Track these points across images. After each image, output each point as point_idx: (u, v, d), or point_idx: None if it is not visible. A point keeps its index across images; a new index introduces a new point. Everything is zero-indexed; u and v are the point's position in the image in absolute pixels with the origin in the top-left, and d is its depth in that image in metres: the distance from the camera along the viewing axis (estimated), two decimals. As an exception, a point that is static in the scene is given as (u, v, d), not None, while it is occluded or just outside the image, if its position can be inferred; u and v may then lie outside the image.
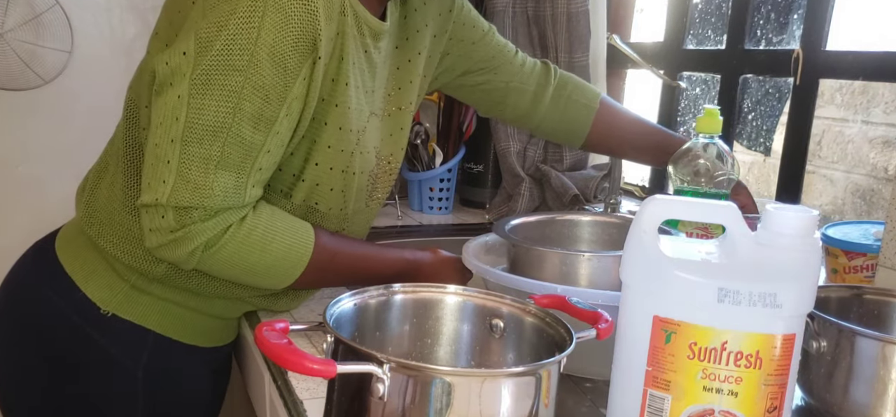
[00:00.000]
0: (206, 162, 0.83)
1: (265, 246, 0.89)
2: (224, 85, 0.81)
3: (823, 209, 1.91)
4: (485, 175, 1.83)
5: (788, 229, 0.61)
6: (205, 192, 0.83)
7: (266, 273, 0.91)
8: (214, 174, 0.83)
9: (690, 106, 1.82)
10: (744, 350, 0.60)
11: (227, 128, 0.82)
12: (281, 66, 0.82)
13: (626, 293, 0.66)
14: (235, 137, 0.83)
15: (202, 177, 0.83)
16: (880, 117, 1.84)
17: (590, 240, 1.07)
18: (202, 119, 0.81)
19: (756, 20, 1.56)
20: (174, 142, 0.82)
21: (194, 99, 0.81)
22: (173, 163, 0.82)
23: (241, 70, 0.80)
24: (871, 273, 1.06)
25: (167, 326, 1.01)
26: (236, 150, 0.83)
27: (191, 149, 0.82)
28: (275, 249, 0.90)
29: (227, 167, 0.84)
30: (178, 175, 0.82)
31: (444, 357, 0.75)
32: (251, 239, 0.88)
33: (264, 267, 0.90)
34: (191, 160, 0.82)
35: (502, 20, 1.66)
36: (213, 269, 0.89)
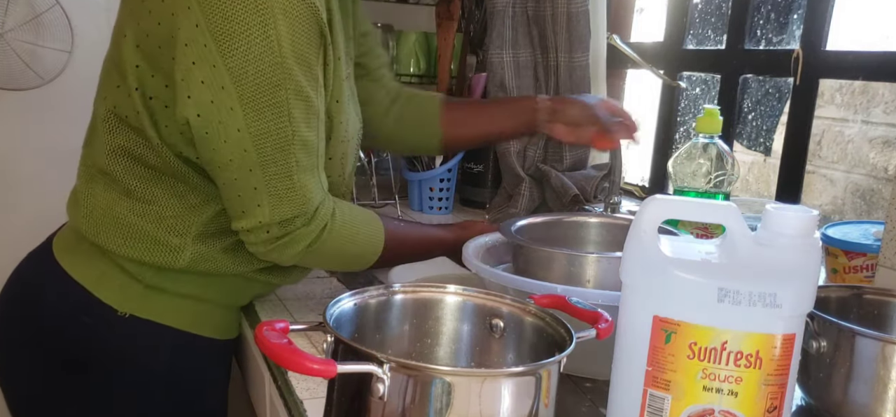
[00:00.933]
0: (287, 175, 0.88)
1: (353, 236, 0.98)
2: (273, 104, 0.85)
3: (823, 209, 1.91)
4: (485, 175, 1.83)
5: (788, 229, 0.61)
6: (300, 199, 0.90)
7: (354, 260, 1.01)
8: (299, 181, 0.89)
9: (690, 106, 1.82)
10: (744, 350, 0.60)
11: (290, 138, 0.87)
12: (306, 64, 0.87)
13: (626, 293, 0.66)
14: (300, 142, 0.88)
15: (290, 188, 0.89)
16: (880, 117, 1.84)
17: (596, 242, 1.07)
18: (269, 141, 0.86)
19: (756, 20, 1.56)
20: (253, 171, 0.87)
21: (252, 127, 0.85)
22: (260, 187, 0.88)
23: (281, 84, 0.85)
24: (871, 273, 1.06)
25: (185, 321, 1.01)
26: (304, 153, 0.89)
27: (270, 169, 0.88)
28: (361, 238, 0.99)
29: (304, 170, 0.90)
30: (270, 195, 0.89)
31: (444, 357, 0.75)
32: (343, 232, 0.96)
33: (353, 256, 1.00)
34: (274, 179, 0.88)
35: (502, 20, 1.65)
36: (312, 263, 1.00)
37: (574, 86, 1.62)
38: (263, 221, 0.90)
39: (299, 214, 0.91)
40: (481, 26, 1.79)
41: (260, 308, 1.07)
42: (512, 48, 1.67)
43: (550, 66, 1.66)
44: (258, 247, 0.93)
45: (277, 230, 0.91)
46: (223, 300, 1.04)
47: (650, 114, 1.81)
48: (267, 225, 0.90)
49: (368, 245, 1.01)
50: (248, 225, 0.91)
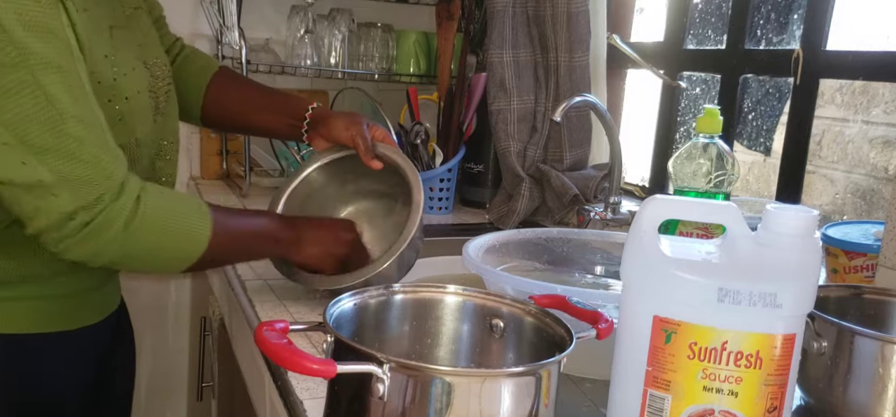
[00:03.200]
0: (72, 155, 0.79)
1: (175, 211, 0.87)
2: (17, 86, 0.76)
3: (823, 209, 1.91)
4: (485, 175, 1.83)
5: (788, 229, 0.61)
6: (99, 175, 0.80)
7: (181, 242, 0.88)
8: (90, 156, 0.80)
9: (690, 106, 1.82)
10: (744, 350, 0.60)
11: (57, 118, 0.77)
12: (44, 31, 0.77)
13: (626, 293, 0.66)
14: (71, 119, 0.78)
15: (84, 167, 0.79)
16: (880, 117, 1.84)
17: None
18: (33, 127, 0.77)
19: (756, 20, 1.56)
20: (27, 163, 0.77)
21: (4, 114, 0.76)
22: (47, 178, 0.78)
23: (18, 63, 0.75)
24: (872, 273, 1.06)
25: (17, 321, 0.93)
26: (83, 127, 0.79)
27: (49, 157, 0.78)
28: (183, 213, 0.88)
29: (90, 145, 0.80)
30: (62, 182, 0.79)
31: (444, 357, 0.75)
32: (162, 206, 0.86)
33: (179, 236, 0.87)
34: (59, 164, 0.78)
35: (502, 20, 1.66)
36: (134, 251, 0.85)
37: (574, 85, 1.62)
38: (65, 211, 0.79)
39: (104, 191, 0.80)
40: (481, 26, 1.79)
41: (260, 308, 1.07)
42: (512, 48, 1.67)
43: (550, 65, 1.66)
44: (67, 244, 0.81)
45: (84, 215, 0.80)
46: (54, 292, 0.95)
47: (650, 114, 1.81)
48: (70, 215, 0.79)
49: (194, 221, 0.88)
50: (47, 222, 0.80)
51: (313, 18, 1.88)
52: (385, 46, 1.92)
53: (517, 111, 1.67)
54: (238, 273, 1.21)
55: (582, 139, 1.69)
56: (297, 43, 1.87)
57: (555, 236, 1.14)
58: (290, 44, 1.89)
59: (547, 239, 1.14)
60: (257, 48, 1.89)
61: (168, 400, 2.11)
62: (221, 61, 1.84)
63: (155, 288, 2.03)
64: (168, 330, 2.09)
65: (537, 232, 1.14)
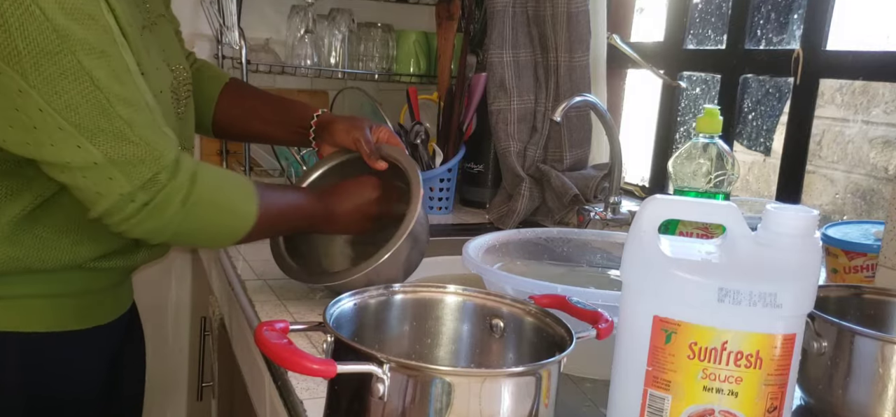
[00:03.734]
0: (123, 137, 0.81)
1: (224, 185, 0.91)
2: (62, 72, 0.77)
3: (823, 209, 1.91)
4: (485, 175, 1.83)
5: (788, 229, 0.61)
6: (152, 155, 0.83)
7: (232, 217, 0.92)
8: (141, 137, 0.82)
9: (690, 106, 1.82)
10: (744, 350, 0.60)
11: (105, 102, 0.80)
12: (86, 16, 0.78)
13: (626, 293, 0.66)
14: (118, 101, 0.81)
15: (135, 147, 0.82)
16: (881, 117, 1.83)
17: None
18: (82, 112, 0.79)
19: (756, 20, 1.56)
20: (81, 147, 0.80)
21: (54, 102, 0.77)
22: (102, 161, 0.81)
23: (61, 50, 0.77)
24: (872, 273, 1.06)
25: (30, 321, 0.93)
26: (131, 109, 0.82)
27: (100, 139, 0.80)
28: (233, 188, 0.92)
29: (140, 126, 0.82)
30: (117, 164, 0.81)
31: (444, 357, 0.75)
32: (215, 182, 0.89)
33: (230, 212, 0.92)
34: (112, 146, 0.81)
35: (502, 20, 1.65)
36: (193, 226, 0.89)
37: (574, 85, 1.62)
38: (124, 192, 0.82)
39: (159, 170, 0.83)
40: (481, 26, 1.79)
41: (260, 308, 1.07)
42: (512, 48, 1.67)
43: (550, 65, 1.66)
44: (131, 224, 0.84)
45: (143, 195, 0.83)
46: (69, 290, 0.96)
47: (650, 114, 1.81)
48: (130, 195, 0.82)
49: (243, 197, 0.92)
50: (108, 204, 0.82)
51: (313, 18, 1.88)
52: (385, 46, 1.92)
53: (517, 111, 1.67)
54: (238, 273, 1.21)
55: (582, 139, 1.69)
56: (297, 43, 1.87)
57: (555, 236, 1.14)
58: (290, 44, 1.89)
59: (547, 239, 1.14)
60: (257, 48, 1.89)
61: (168, 400, 2.11)
62: (221, 61, 1.84)
63: (155, 288, 2.03)
64: (168, 330, 2.09)
65: (537, 232, 1.14)
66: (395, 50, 1.94)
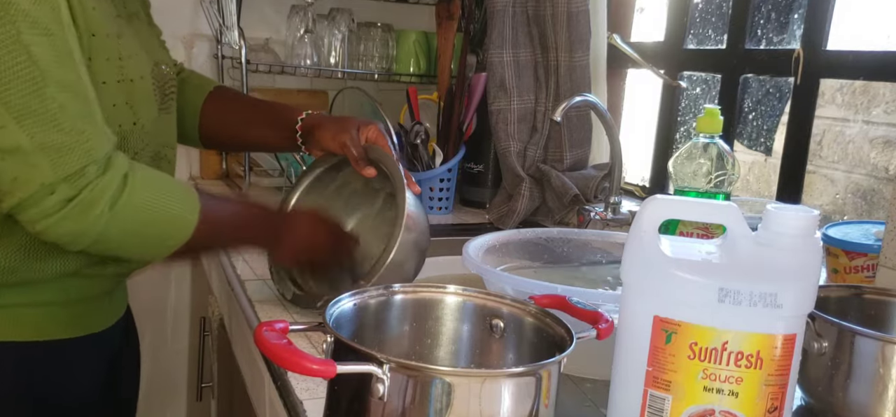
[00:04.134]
0: (54, 122, 0.75)
1: (162, 191, 0.84)
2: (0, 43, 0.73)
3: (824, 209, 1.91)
4: (485, 175, 1.83)
5: (789, 229, 0.61)
6: (83, 146, 0.77)
7: (168, 225, 0.85)
8: (73, 126, 0.77)
9: (691, 106, 1.82)
10: (744, 350, 0.60)
11: (40, 81, 0.74)
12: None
13: (626, 293, 0.66)
14: (56, 84, 0.76)
15: (65, 136, 0.76)
16: (881, 117, 1.83)
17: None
18: (13, 88, 0.73)
19: (756, 20, 1.56)
20: (7, 127, 0.74)
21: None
22: (26, 144, 0.74)
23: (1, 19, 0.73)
24: (872, 273, 1.06)
25: (24, 330, 0.91)
26: (68, 95, 0.77)
27: (28, 121, 0.74)
28: (171, 195, 0.85)
29: (74, 116, 0.77)
30: (43, 150, 0.75)
31: (444, 357, 0.75)
32: (151, 186, 0.83)
33: (166, 220, 0.84)
34: (41, 130, 0.75)
35: (502, 19, 1.65)
36: (119, 232, 0.81)
37: (574, 85, 1.62)
38: (46, 182, 0.75)
39: (88, 163, 0.77)
40: (481, 26, 1.79)
41: (260, 308, 1.07)
42: (512, 48, 1.67)
43: (551, 65, 1.66)
44: (48, 220, 0.77)
45: (67, 189, 0.76)
46: (62, 299, 0.93)
47: (650, 114, 1.81)
48: (51, 186, 0.76)
49: (181, 205, 0.85)
50: (26, 193, 0.76)
51: (313, 18, 1.88)
52: (385, 46, 1.92)
53: (517, 111, 1.67)
54: (238, 273, 1.20)
55: (582, 139, 1.69)
56: (297, 43, 1.87)
57: (555, 236, 1.14)
58: (290, 43, 1.89)
59: (547, 239, 1.13)
60: (257, 48, 1.89)
61: (168, 400, 2.11)
62: (221, 61, 1.84)
63: (155, 289, 2.03)
64: (168, 331, 2.09)
65: (537, 232, 1.14)
66: (394, 50, 1.94)
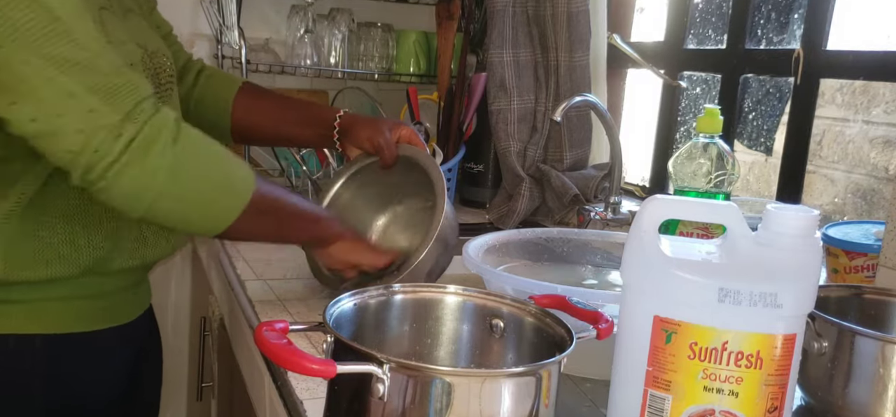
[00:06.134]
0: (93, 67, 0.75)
1: (212, 147, 0.84)
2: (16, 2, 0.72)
3: (824, 209, 1.91)
4: (485, 175, 1.83)
5: (789, 229, 0.61)
6: (130, 84, 0.77)
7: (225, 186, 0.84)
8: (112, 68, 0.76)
9: (691, 105, 1.82)
10: (744, 350, 0.60)
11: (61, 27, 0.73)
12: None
13: (626, 293, 0.66)
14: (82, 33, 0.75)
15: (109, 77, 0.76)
16: (881, 117, 1.84)
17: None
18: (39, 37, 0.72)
19: (757, 20, 1.56)
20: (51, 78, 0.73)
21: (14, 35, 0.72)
22: (76, 87, 0.74)
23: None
24: (872, 273, 1.06)
25: (51, 323, 0.92)
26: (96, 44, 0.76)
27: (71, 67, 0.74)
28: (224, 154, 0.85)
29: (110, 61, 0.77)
30: (94, 93, 0.74)
31: (444, 357, 0.75)
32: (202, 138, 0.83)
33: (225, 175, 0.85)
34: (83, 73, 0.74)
35: (502, 19, 1.65)
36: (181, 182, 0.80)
37: (574, 85, 1.62)
38: (110, 123, 0.74)
39: (140, 99, 0.76)
40: (481, 26, 1.79)
41: (260, 308, 1.07)
42: (512, 48, 1.67)
43: (551, 65, 1.66)
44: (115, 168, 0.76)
45: (131, 128, 0.75)
46: (86, 293, 0.95)
47: (650, 114, 1.81)
48: (116, 127, 0.75)
49: (239, 169, 0.86)
50: (96, 141, 0.74)
51: (313, 18, 1.88)
52: (385, 46, 1.92)
53: (517, 111, 1.67)
54: (238, 273, 1.20)
55: (582, 139, 1.69)
56: (297, 42, 1.87)
57: (555, 236, 1.14)
58: (290, 43, 1.89)
59: (547, 239, 1.13)
60: (257, 48, 1.89)
61: (168, 400, 2.11)
62: (221, 61, 1.84)
63: (155, 288, 2.02)
64: (168, 330, 2.08)
65: (537, 232, 1.14)
66: (395, 50, 1.94)
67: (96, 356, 0.98)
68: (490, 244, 1.06)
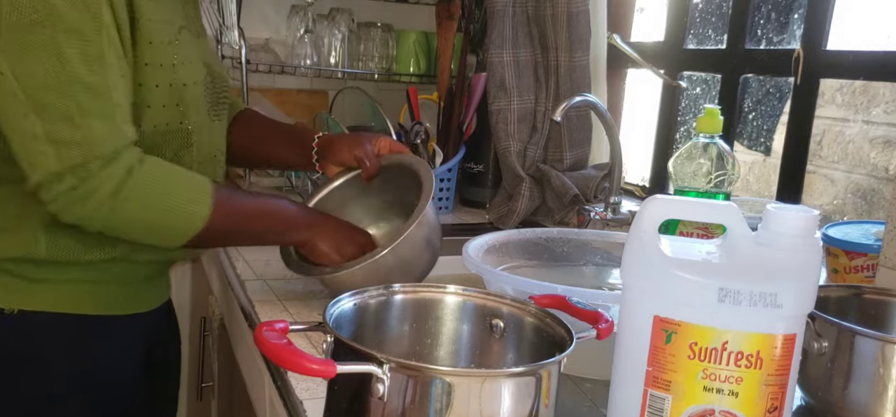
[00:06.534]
0: (68, 118, 0.82)
1: (169, 186, 0.90)
2: (36, 43, 0.80)
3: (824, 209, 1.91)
4: (485, 175, 1.83)
5: (789, 229, 0.61)
6: (88, 143, 0.83)
7: (175, 218, 0.90)
8: (85, 124, 0.83)
9: (691, 105, 1.82)
10: (744, 350, 0.60)
11: (65, 81, 0.82)
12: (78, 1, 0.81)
13: (626, 293, 0.66)
14: (78, 84, 0.82)
15: (75, 131, 0.83)
16: (881, 117, 1.83)
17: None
18: (38, 83, 0.81)
19: (756, 20, 1.56)
20: (28, 116, 0.81)
21: (16, 68, 0.80)
22: (40, 134, 0.82)
23: (42, 21, 0.80)
24: (872, 273, 1.06)
25: (83, 304, 0.97)
26: (89, 96, 0.83)
27: (46, 114, 0.82)
28: (179, 189, 0.90)
29: (89, 114, 0.83)
30: (52, 141, 0.82)
31: (444, 357, 0.75)
32: (156, 179, 0.89)
33: (172, 213, 0.90)
34: (54, 123, 0.82)
35: (502, 19, 1.65)
36: (124, 220, 0.88)
37: (574, 85, 1.62)
38: (53, 170, 0.83)
39: (91, 158, 0.83)
40: (481, 26, 1.79)
41: (260, 308, 1.07)
42: (512, 48, 1.67)
43: (551, 65, 1.66)
44: (58, 203, 0.85)
45: (71, 178, 0.83)
46: (113, 279, 0.99)
47: (650, 114, 1.81)
48: (58, 175, 0.83)
49: (190, 199, 0.91)
50: (38, 177, 0.84)
51: (313, 18, 1.88)
52: (385, 46, 1.92)
53: (517, 111, 1.67)
54: (238, 273, 1.20)
55: (582, 139, 1.69)
56: (297, 42, 1.87)
57: (555, 236, 1.14)
58: (290, 43, 1.89)
59: (547, 239, 1.13)
60: (257, 48, 1.89)
61: (168, 400, 2.11)
62: (221, 61, 1.84)
63: (155, 288, 2.03)
64: (168, 330, 2.08)
65: (537, 232, 1.14)
66: (394, 50, 1.94)
67: (117, 338, 1.02)
68: (490, 244, 1.06)
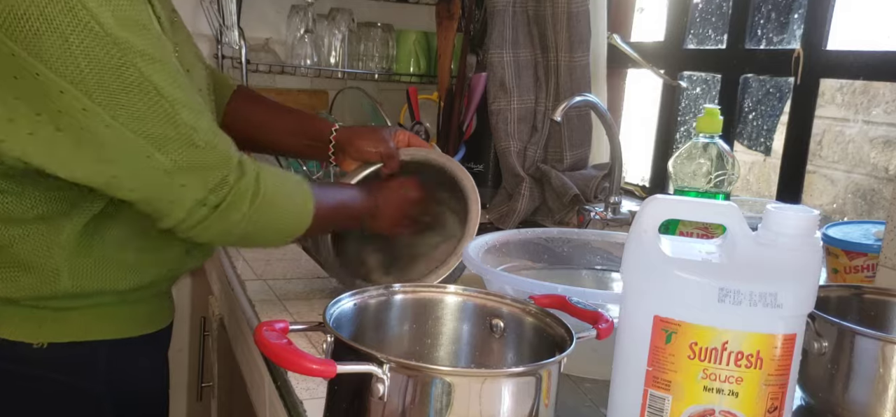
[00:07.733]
0: (191, 143, 0.81)
1: (284, 184, 0.92)
2: (127, 86, 0.77)
3: (824, 209, 1.91)
4: (485, 174, 1.83)
5: (789, 229, 0.61)
6: (219, 157, 0.84)
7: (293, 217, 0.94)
8: (206, 141, 0.83)
9: (691, 105, 1.82)
10: (744, 350, 0.60)
11: (169, 109, 0.79)
12: (138, 26, 0.78)
13: (626, 293, 0.66)
14: (180, 106, 0.80)
15: (204, 153, 0.82)
16: (881, 117, 1.83)
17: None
18: (149, 123, 0.78)
19: (757, 20, 1.56)
20: (151, 155, 0.80)
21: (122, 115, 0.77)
22: (173, 169, 0.81)
23: (123, 64, 0.76)
24: (872, 273, 1.06)
25: (111, 328, 0.95)
26: (191, 115, 0.82)
27: (170, 147, 0.80)
28: (292, 186, 0.93)
29: (203, 131, 0.82)
30: (189, 171, 0.82)
31: (444, 357, 0.75)
32: (276, 180, 0.91)
33: (292, 212, 0.94)
34: (181, 151, 0.81)
35: (502, 19, 1.65)
36: (259, 225, 0.90)
37: (574, 85, 1.62)
38: (197, 198, 0.83)
39: (228, 172, 0.84)
40: (481, 26, 1.79)
41: (260, 308, 1.07)
42: (512, 48, 1.67)
43: (551, 65, 1.66)
44: (200, 229, 0.85)
45: (214, 198, 0.84)
46: (141, 297, 0.98)
47: (650, 114, 1.81)
48: (202, 201, 0.83)
49: (301, 195, 0.94)
50: (181, 213, 0.83)
51: (313, 18, 1.88)
52: (385, 46, 1.92)
53: (517, 111, 1.67)
54: (238, 273, 1.20)
55: (582, 139, 1.69)
56: (297, 42, 1.87)
57: (555, 236, 1.14)
58: (290, 43, 1.89)
59: (547, 239, 1.13)
60: (257, 48, 1.89)
61: (168, 400, 2.11)
62: (221, 61, 1.84)
63: (155, 288, 2.03)
64: (168, 330, 2.08)
65: (537, 232, 1.14)
66: (395, 50, 1.94)
67: (149, 355, 1.03)
68: (490, 244, 1.06)
